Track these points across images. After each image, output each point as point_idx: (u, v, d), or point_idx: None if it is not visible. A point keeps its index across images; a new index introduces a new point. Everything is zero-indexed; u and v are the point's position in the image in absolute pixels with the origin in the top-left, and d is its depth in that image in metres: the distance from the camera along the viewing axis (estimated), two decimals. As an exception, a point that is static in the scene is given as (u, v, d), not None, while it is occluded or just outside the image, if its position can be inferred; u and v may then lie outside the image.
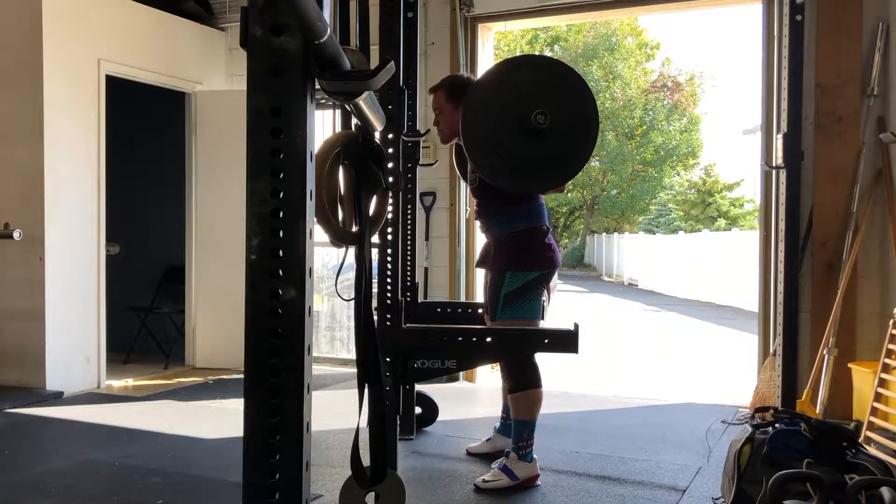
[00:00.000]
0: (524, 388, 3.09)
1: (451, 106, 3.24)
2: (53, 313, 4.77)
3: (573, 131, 2.84)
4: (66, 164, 4.85)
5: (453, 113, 3.22)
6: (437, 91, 3.33)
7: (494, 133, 2.84)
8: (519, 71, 2.95)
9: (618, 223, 29.68)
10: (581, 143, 2.87)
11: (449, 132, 3.30)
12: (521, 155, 2.84)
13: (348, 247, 1.41)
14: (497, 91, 2.89)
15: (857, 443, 2.43)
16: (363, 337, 1.34)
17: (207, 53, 5.96)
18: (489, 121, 2.85)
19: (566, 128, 2.82)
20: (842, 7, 4.26)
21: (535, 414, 3.09)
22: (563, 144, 2.83)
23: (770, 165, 4.37)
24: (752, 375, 4.63)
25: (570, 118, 2.83)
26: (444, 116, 3.30)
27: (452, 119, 3.22)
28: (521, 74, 2.90)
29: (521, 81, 2.86)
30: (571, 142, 2.85)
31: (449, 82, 3.34)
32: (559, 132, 2.80)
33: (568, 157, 2.88)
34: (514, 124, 2.80)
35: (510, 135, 2.82)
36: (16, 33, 4.78)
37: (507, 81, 2.89)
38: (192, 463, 3.38)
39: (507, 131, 2.82)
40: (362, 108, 1.28)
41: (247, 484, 0.99)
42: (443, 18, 5.30)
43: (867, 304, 4.22)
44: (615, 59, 25.77)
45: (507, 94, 2.85)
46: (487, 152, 2.88)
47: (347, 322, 6.02)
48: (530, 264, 3.12)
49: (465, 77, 3.37)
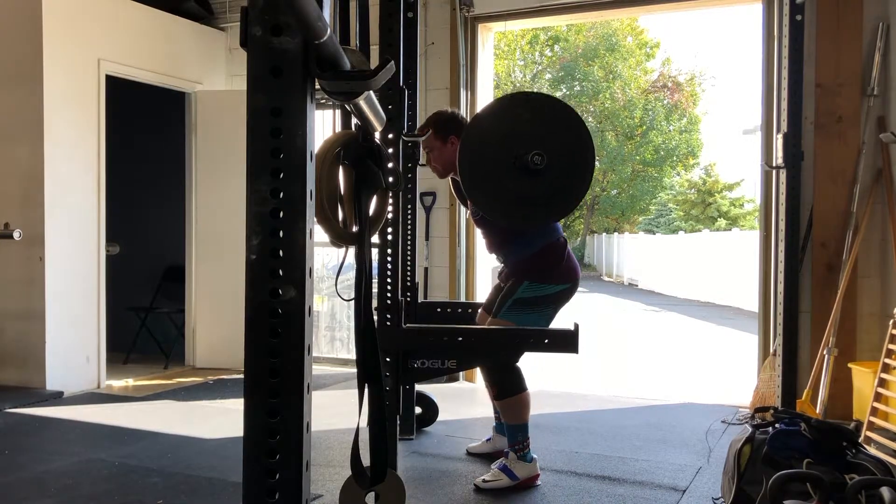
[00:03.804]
0: (508, 395, 3.09)
1: (440, 143, 3.27)
2: (53, 313, 4.77)
3: (570, 169, 2.84)
4: (66, 164, 4.85)
5: (443, 149, 3.26)
6: (424, 130, 3.34)
7: (491, 172, 2.84)
8: (515, 109, 2.94)
9: (618, 223, 29.69)
10: (578, 180, 2.87)
11: (442, 169, 3.32)
12: (518, 193, 2.84)
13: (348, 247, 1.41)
14: (493, 129, 2.88)
15: (857, 443, 2.43)
16: (363, 337, 1.34)
17: (207, 53, 5.96)
18: (486, 159, 2.85)
19: (563, 166, 2.82)
20: (842, 7, 4.27)
21: (524, 417, 3.09)
22: (560, 182, 2.83)
23: (770, 165, 4.37)
24: (752, 375, 4.64)
25: (566, 156, 2.83)
26: (435, 154, 3.31)
27: (443, 156, 3.26)
28: (517, 112, 2.90)
29: (518, 119, 2.85)
30: (568, 179, 2.85)
31: (434, 120, 3.34)
32: (556, 170, 2.80)
33: (565, 195, 2.89)
34: (510, 163, 2.80)
35: (507, 174, 2.82)
36: (16, 33, 4.78)
37: (503, 119, 2.89)
38: (192, 463, 3.38)
39: (503, 170, 2.82)
40: (362, 108, 1.27)
41: (247, 484, 0.99)
42: (443, 18, 5.30)
43: (867, 304, 4.22)
44: (615, 59, 25.77)
45: (504, 132, 2.85)
46: (485, 191, 2.89)
47: (347, 322, 6.02)
48: (551, 277, 3.10)
49: (448, 112, 3.39)
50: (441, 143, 3.26)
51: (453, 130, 3.24)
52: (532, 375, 3.42)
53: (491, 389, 3.20)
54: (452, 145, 3.20)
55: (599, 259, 27.40)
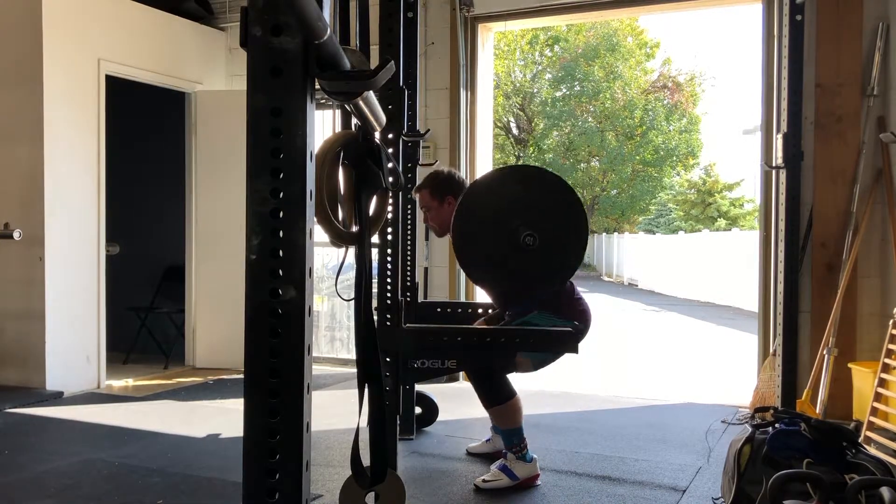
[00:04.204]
0: (497, 403, 3.09)
1: (437, 203, 3.33)
2: (53, 313, 4.77)
3: (562, 246, 2.84)
4: (66, 164, 4.85)
5: (440, 210, 3.32)
6: (422, 191, 3.38)
7: (484, 247, 2.85)
8: (508, 182, 2.96)
9: (618, 223, 29.68)
10: (571, 257, 2.88)
11: (440, 228, 3.36)
12: (510, 269, 2.85)
13: (348, 247, 1.41)
14: (487, 204, 2.88)
15: (857, 443, 2.43)
16: (363, 337, 1.34)
17: (207, 53, 5.96)
18: (479, 235, 2.86)
19: (556, 243, 2.82)
20: (842, 7, 4.27)
21: (518, 421, 3.09)
22: (552, 260, 2.84)
23: (770, 165, 4.37)
24: (752, 375, 4.64)
25: (559, 233, 2.83)
26: (433, 213, 3.37)
27: (440, 216, 3.32)
28: (510, 185, 2.91)
29: (511, 193, 2.86)
30: (561, 257, 2.86)
31: (431, 182, 3.38)
32: (548, 248, 2.80)
33: (557, 271, 2.89)
34: (503, 240, 2.80)
35: (499, 249, 2.82)
36: (16, 33, 4.78)
37: (496, 193, 2.89)
38: (192, 463, 3.38)
39: (496, 246, 2.82)
40: (362, 108, 1.27)
41: (247, 484, 0.99)
42: (443, 18, 5.30)
43: (867, 304, 4.22)
44: (615, 59, 25.76)
45: (497, 207, 2.85)
46: (478, 265, 2.91)
47: (347, 322, 6.02)
48: (564, 313, 3.11)
49: (445, 173, 3.43)
50: (438, 204, 3.33)
51: (450, 191, 3.30)
52: (532, 375, 3.43)
53: (480, 399, 3.19)
54: (449, 205, 3.25)
55: (599, 259, 27.41)
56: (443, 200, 3.31)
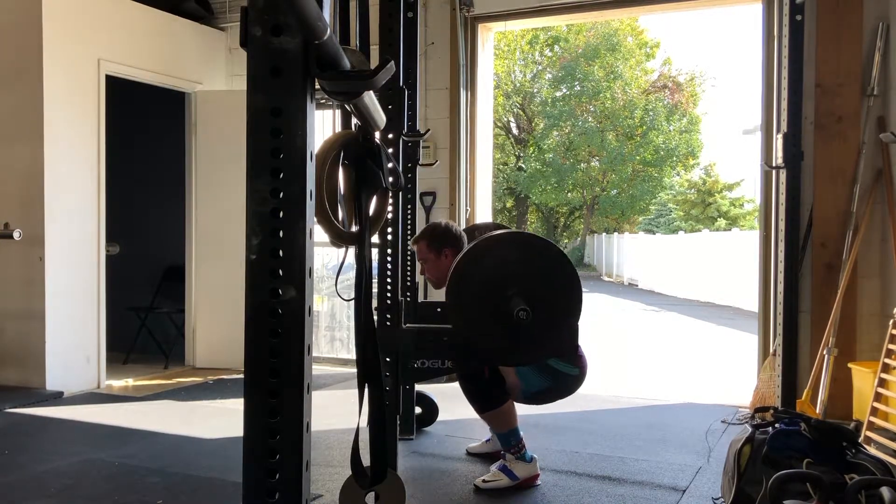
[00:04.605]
0: (491, 407, 3.08)
1: (434, 255, 3.34)
2: (53, 313, 4.77)
3: (556, 320, 2.74)
4: (66, 164, 4.85)
5: (437, 262, 3.32)
6: (419, 242, 3.39)
7: (477, 321, 2.76)
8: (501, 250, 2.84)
9: (618, 223, 29.68)
10: (565, 332, 2.77)
11: (437, 280, 3.35)
12: (503, 340, 2.74)
13: (348, 247, 1.41)
14: (479, 274, 2.77)
15: (857, 443, 2.43)
16: (363, 337, 1.34)
17: (207, 53, 5.96)
18: (472, 306, 2.76)
19: (549, 316, 2.70)
20: (842, 7, 4.27)
21: (512, 423, 3.09)
22: (546, 333, 2.74)
23: (770, 165, 4.37)
24: (752, 375, 4.64)
25: (553, 305, 2.72)
26: (430, 266, 3.37)
27: (438, 268, 3.32)
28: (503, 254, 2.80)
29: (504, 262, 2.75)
30: (554, 331, 2.75)
31: (428, 235, 3.38)
32: (542, 321, 2.68)
33: (552, 342, 2.78)
34: (496, 315, 2.70)
35: (492, 320, 2.72)
36: (16, 33, 4.79)
37: (489, 262, 2.78)
38: (192, 463, 3.38)
39: (489, 322, 2.73)
40: (362, 108, 1.27)
41: (247, 484, 0.99)
42: (443, 18, 5.30)
43: (867, 304, 4.22)
44: (615, 59, 25.76)
45: (490, 277, 2.74)
46: (471, 337, 2.82)
47: (347, 322, 6.02)
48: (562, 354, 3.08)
49: (443, 226, 3.43)
50: (435, 256, 3.33)
51: (446, 243, 3.31)
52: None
53: (472, 405, 3.17)
54: (446, 258, 3.26)
55: (599, 259, 27.40)
56: (440, 253, 3.31)
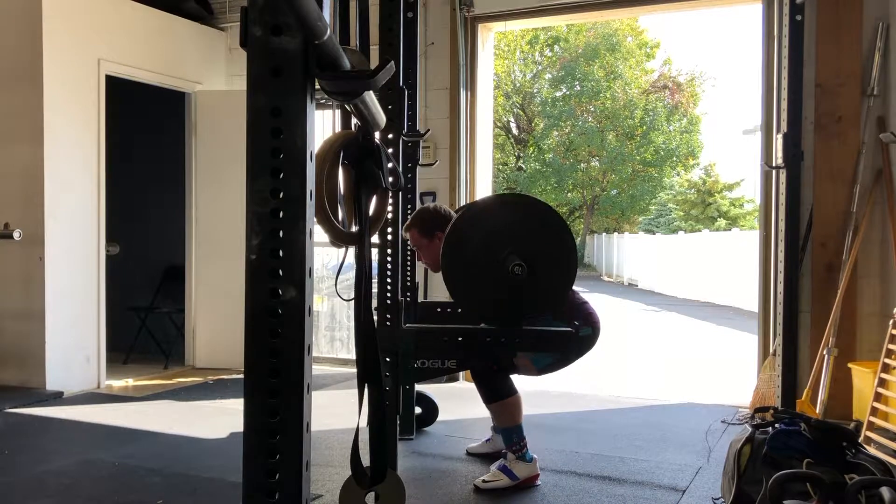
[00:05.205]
0: (498, 399, 3.09)
1: (427, 240, 3.32)
2: (53, 313, 4.77)
3: (551, 274, 2.80)
4: (66, 164, 4.85)
5: (430, 246, 3.31)
6: (411, 230, 3.37)
7: (472, 278, 2.81)
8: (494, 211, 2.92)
9: (618, 223, 29.68)
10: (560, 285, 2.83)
11: (433, 264, 3.34)
12: (499, 298, 2.81)
13: (348, 247, 1.41)
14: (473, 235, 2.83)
15: (857, 443, 2.43)
16: (363, 337, 1.34)
17: (207, 53, 5.96)
18: (466, 266, 2.82)
19: (544, 271, 2.77)
20: (842, 7, 4.26)
21: (517, 419, 3.09)
22: (541, 287, 2.79)
23: (770, 165, 4.37)
24: (752, 375, 4.63)
25: (548, 260, 2.78)
26: (424, 251, 3.37)
27: (431, 252, 3.31)
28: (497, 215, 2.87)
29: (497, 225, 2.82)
30: (550, 284, 2.81)
31: (418, 221, 3.37)
32: (537, 276, 2.74)
33: (547, 298, 2.84)
34: (491, 271, 2.75)
35: (487, 280, 2.78)
36: (16, 33, 4.78)
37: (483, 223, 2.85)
38: (192, 463, 3.38)
39: (484, 276, 2.78)
40: (362, 108, 1.27)
41: (247, 484, 0.99)
42: (443, 18, 5.30)
43: (867, 304, 4.22)
44: (615, 59, 25.76)
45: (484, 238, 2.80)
46: (469, 296, 2.88)
47: (347, 322, 6.02)
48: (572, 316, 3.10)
49: (431, 209, 3.42)
50: (428, 241, 3.32)
51: (438, 226, 3.27)
52: (532, 375, 3.42)
53: (481, 395, 3.19)
54: (439, 240, 3.21)
55: (599, 259, 27.40)
56: (432, 237, 3.30)
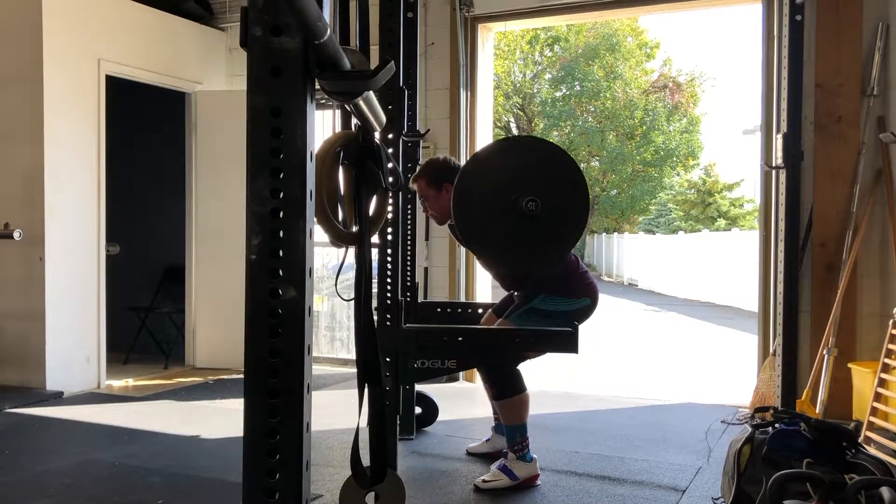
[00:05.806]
0: (508, 395, 3.09)
1: (434, 191, 3.28)
2: (53, 313, 4.77)
3: (564, 213, 2.80)
4: (66, 164, 4.85)
5: (438, 197, 3.27)
6: (419, 180, 3.33)
7: (485, 218, 2.80)
8: (507, 153, 2.91)
9: (618, 223, 29.66)
10: (572, 225, 2.84)
11: (440, 216, 3.32)
12: (512, 239, 2.80)
13: (348, 247, 1.41)
14: (486, 176, 2.83)
15: (857, 443, 2.43)
16: (363, 337, 1.34)
17: (207, 53, 5.96)
18: (479, 206, 2.81)
19: (558, 210, 2.77)
20: (842, 7, 4.26)
21: (523, 418, 3.09)
22: (554, 227, 2.80)
23: (770, 165, 4.37)
24: (752, 375, 4.63)
25: (561, 200, 2.78)
26: (431, 202, 3.32)
27: (439, 203, 3.27)
28: (509, 157, 2.86)
29: (511, 165, 2.81)
30: (563, 224, 2.82)
31: (427, 170, 3.34)
32: (551, 215, 2.75)
33: (559, 239, 2.85)
34: (505, 210, 2.75)
35: (501, 219, 2.77)
36: (16, 33, 4.78)
37: (495, 165, 2.85)
38: (192, 463, 3.38)
39: (497, 216, 2.78)
40: (362, 108, 1.28)
41: (247, 484, 0.99)
42: (443, 18, 5.30)
43: (867, 304, 4.22)
44: (616, 59, 25.75)
45: (496, 178, 2.80)
46: (482, 238, 2.87)
47: (347, 322, 6.02)
48: (570, 292, 3.11)
49: (441, 159, 3.39)
50: (436, 192, 3.27)
51: (446, 177, 3.23)
52: (532, 375, 3.43)
53: (490, 390, 3.21)
54: (447, 192, 3.18)
55: (599, 259, 27.40)
56: (440, 188, 3.24)
